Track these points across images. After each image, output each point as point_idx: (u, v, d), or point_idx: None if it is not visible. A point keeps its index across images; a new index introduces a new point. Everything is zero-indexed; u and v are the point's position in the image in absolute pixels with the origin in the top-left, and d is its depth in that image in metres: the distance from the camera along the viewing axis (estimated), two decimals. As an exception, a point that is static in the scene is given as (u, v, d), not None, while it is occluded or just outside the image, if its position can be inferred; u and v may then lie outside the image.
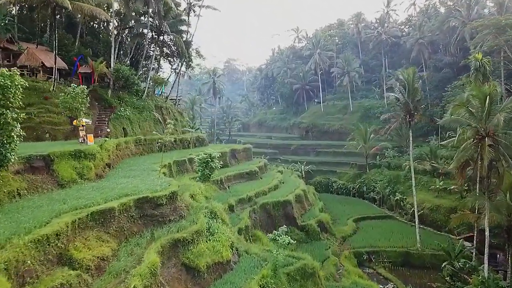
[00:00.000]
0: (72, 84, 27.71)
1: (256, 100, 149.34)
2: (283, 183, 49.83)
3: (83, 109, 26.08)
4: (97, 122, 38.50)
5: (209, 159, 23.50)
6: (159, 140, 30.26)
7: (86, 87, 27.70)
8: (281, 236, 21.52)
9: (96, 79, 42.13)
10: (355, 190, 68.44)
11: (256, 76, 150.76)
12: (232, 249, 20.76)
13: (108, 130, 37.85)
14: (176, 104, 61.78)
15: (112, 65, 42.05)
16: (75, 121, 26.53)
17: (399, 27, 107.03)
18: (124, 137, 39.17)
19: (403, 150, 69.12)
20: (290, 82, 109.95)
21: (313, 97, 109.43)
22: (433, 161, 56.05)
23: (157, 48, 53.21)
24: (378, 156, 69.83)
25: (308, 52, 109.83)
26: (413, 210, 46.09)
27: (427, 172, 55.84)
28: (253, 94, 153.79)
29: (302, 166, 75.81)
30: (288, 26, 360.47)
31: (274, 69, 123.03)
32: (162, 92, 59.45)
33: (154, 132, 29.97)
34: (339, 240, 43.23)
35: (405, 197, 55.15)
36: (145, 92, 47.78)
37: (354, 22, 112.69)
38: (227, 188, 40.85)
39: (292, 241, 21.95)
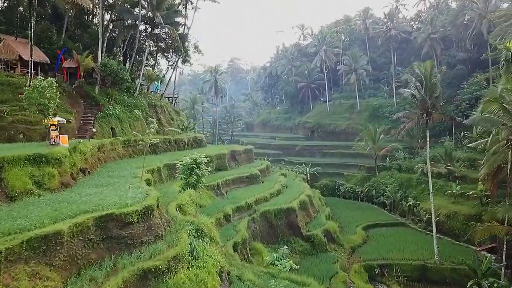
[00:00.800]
0: (38, 77, 24.11)
1: (260, 99, 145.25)
2: (286, 187, 46.19)
3: (52, 105, 22.40)
4: (81, 122, 35.12)
5: (194, 165, 19.70)
6: (140, 142, 26.56)
7: (55, 79, 23.99)
8: (280, 260, 17.71)
9: (82, 74, 38.70)
10: (363, 194, 64.32)
11: (260, 75, 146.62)
12: (221, 277, 16.94)
13: (94, 130, 34.46)
14: (173, 102, 58.16)
15: (99, 59, 38.54)
16: (44, 120, 22.90)
17: (408, 22, 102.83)
18: (112, 137, 35.73)
19: (414, 152, 65.31)
20: (295, 81, 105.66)
21: (318, 95, 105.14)
22: (448, 164, 51.93)
23: (151, 43, 49.63)
24: (388, 158, 65.73)
25: (314, 49, 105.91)
26: (428, 217, 41.99)
27: (441, 176, 51.73)
28: (257, 93, 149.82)
29: (307, 168, 71.87)
30: (288, 18, 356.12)
31: (278, 67, 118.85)
32: (157, 89, 55.90)
33: (134, 132, 26.21)
34: (347, 251, 39.23)
35: (418, 202, 51.14)
36: (137, 89, 44.24)
37: (362, 17, 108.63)
38: (225, 194, 37.39)
39: (295, 266, 18.11)
